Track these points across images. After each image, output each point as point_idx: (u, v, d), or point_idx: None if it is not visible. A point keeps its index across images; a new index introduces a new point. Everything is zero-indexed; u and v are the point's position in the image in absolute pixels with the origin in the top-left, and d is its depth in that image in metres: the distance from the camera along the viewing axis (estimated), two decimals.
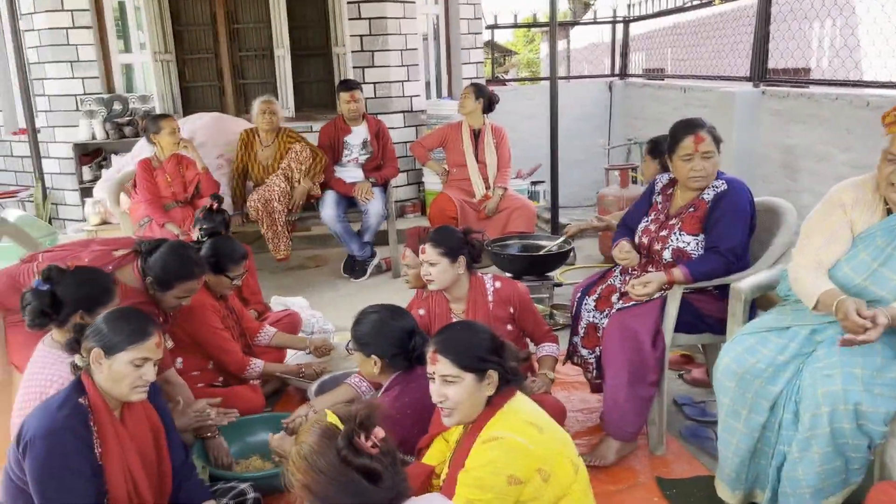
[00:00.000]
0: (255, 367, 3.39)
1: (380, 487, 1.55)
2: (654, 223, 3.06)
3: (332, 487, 1.54)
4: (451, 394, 2.03)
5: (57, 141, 6.75)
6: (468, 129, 5.41)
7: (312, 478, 1.55)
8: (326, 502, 1.55)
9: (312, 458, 1.56)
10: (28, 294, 2.36)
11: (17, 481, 2.06)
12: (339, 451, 1.55)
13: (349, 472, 1.54)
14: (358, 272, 5.50)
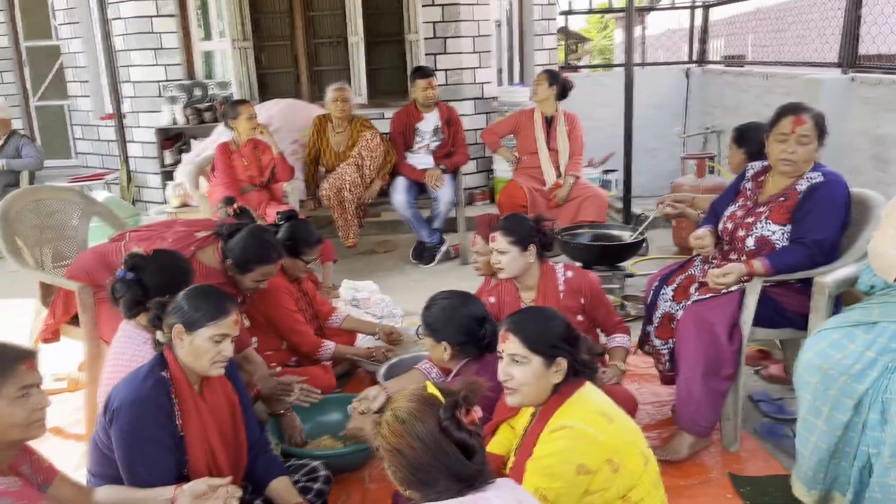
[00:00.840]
0: (327, 349, 3.45)
1: (472, 463, 1.57)
2: (741, 209, 2.97)
3: (426, 455, 1.56)
4: (517, 374, 2.02)
5: (141, 126, 7.00)
6: (540, 117, 5.36)
7: (407, 443, 1.57)
8: (414, 468, 1.57)
9: (411, 424, 1.58)
10: (118, 285, 2.42)
11: (103, 448, 2.16)
12: (440, 421, 1.57)
13: (446, 443, 1.56)
14: (426, 258, 5.54)
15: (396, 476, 1.61)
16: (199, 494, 2.01)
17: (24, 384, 1.78)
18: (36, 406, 1.81)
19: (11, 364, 1.78)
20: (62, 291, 3.31)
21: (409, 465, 1.58)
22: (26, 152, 6.56)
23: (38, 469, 1.94)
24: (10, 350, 1.81)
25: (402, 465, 1.59)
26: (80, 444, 3.17)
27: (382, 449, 1.62)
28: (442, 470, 1.56)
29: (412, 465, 1.57)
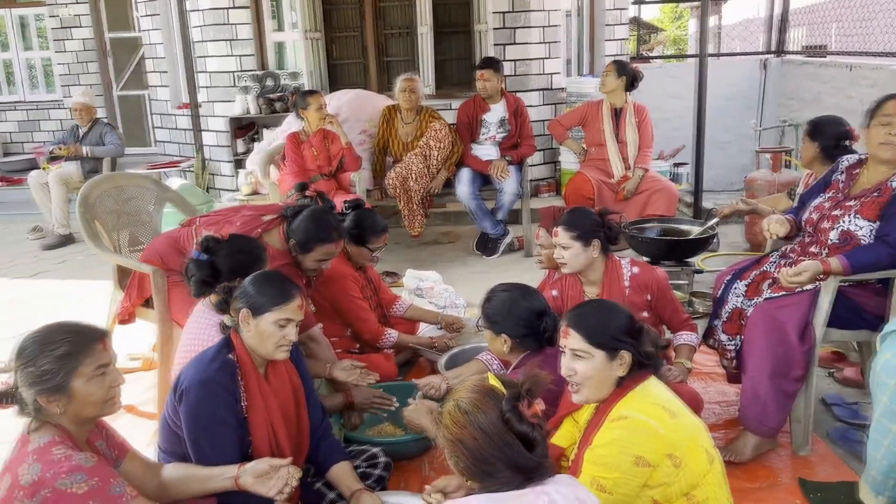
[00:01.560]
0: (390, 337, 3.49)
1: (533, 455, 1.57)
2: (829, 201, 2.86)
3: (487, 445, 1.56)
4: (580, 369, 2.01)
5: (215, 115, 7.20)
6: (609, 108, 5.27)
7: (469, 433, 1.58)
8: (475, 459, 1.58)
9: (473, 414, 1.59)
10: (191, 265, 2.52)
11: (172, 426, 2.24)
12: (502, 413, 1.57)
13: (508, 435, 1.56)
14: (490, 250, 5.53)
15: (458, 466, 1.62)
16: (261, 474, 2.06)
17: (101, 363, 1.85)
18: (111, 384, 1.87)
19: (88, 344, 1.84)
20: (137, 274, 3.44)
21: (470, 456, 1.58)
22: (109, 140, 6.83)
23: (112, 445, 2.02)
24: (87, 330, 1.87)
25: (463, 456, 1.59)
26: (151, 422, 3.29)
27: (444, 439, 1.63)
28: (503, 461, 1.56)
29: (474, 456, 1.58)
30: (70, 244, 6.57)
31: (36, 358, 1.78)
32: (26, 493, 1.68)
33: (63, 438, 1.79)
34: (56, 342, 1.80)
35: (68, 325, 1.87)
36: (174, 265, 3.29)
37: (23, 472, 1.70)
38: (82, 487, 1.69)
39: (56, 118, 9.39)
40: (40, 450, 1.74)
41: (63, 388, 1.78)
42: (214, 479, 2.10)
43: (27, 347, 1.80)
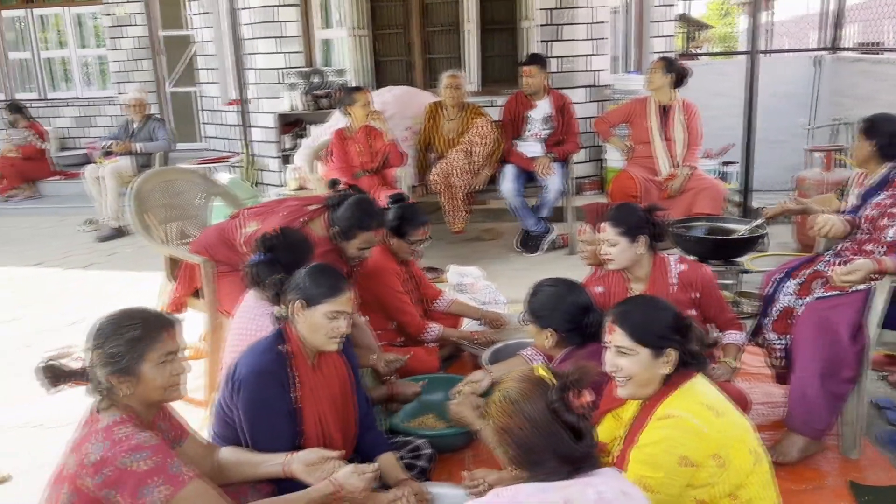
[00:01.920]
0: (433, 331, 3.52)
1: (580, 446, 1.57)
2: (889, 198, 2.80)
3: (534, 435, 1.57)
4: (625, 365, 1.99)
5: (262, 111, 7.32)
6: (655, 105, 5.21)
7: (516, 422, 1.59)
8: (522, 448, 1.58)
9: (521, 403, 1.60)
10: (256, 269, 2.55)
11: (226, 411, 2.30)
12: (549, 402, 1.58)
13: (555, 425, 1.57)
14: (532, 247, 5.52)
15: (505, 455, 1.63)
16: (310, 463, 2.12)
17: (168, 350, 1.91)
18: (175, 371, 1.94)
19: (158, 330, 1.91)
20: (186, 266, 3.53)
21: (517, 445, 1.59)
22: (160, 135, 7.01)
23: (172, 427, 2.09)
24: (158, 317, 1.96)
25: (510, 445, 1.60)
26: (200, 410, 3.37)
27: (491, 428, 1.64)
28: (550, 451, 1.57)
29: (521, 445, 1.59)
30: (122, 237, 6.76)
31: (109, 340, 1.86)
32: (90, 472, 1.75)
33: (128, 418, 1.86)
34: (128, 326, 1.88)
35: (141, 312, 1.94)
36: (222, 256, 3.37)
37: (88, 451, 1.77)
38: (143, 466, 1.75)
39: (109, 114, 9.65)
40: (105, 429, 1.81)
41: (132, 371, 1.85)
42: (266, 464, 2.16)
43: (102, 329, 1.88)
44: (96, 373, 1.87)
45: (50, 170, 8.51)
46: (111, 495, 1.75)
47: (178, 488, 1.78)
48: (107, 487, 1.75)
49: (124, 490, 1.74)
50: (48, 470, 2.87)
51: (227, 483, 2.17)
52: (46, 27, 9.96)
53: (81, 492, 1.77)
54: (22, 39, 9.94)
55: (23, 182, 8.22)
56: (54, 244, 6.66)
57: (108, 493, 1.75)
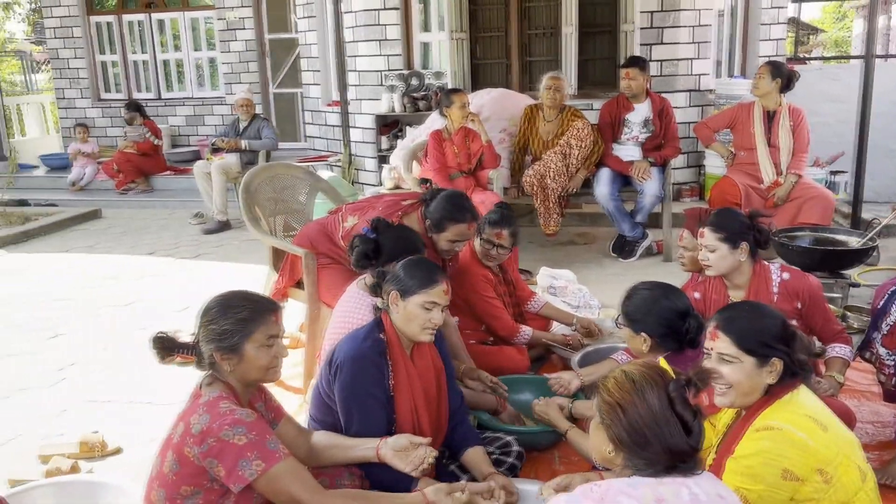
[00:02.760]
0: (525, 335, 3.53)
1: (690, 439, 1.57)
2: None
3: (648, 417, 1.58)
4: (727, 373, 1.95)
5: (362, 112, 7.52)
6: (761, 111, 5.04)
7: (632, 401, 1.60)
8: (631, 427, 1.59)
9: (641, 384, 1.61)
10: (357, 238, 2.69)
11: (324, 397, 2.39)
12: (668, 392, 1.59)
13: (670, 413, 1.58)
14: (627, 252, 5.44)
15: (609, 431, 1.63)
16: (401, 448, 2.18)
17: (271, 333, 2.01)
18: (276, 354, 2.03)
19: (265, 314, 2.01)
20: (289, 258, 3.68)
21: (627, 424, 1.59)
22: (265, 134, 7.31)
23: (269, 408, 2.20)
24: (265, 301, 2.06)
25: (618, 422, 1.61)
26: (297, 397, 3.51)
27: (603, 402, 1.65)
28: (659, 438, 1.56)
29: (630, 424, 1.59)
30: (227, 230, 7.08)
31: (219, 318, 1.98)
32: (195, 441, 1.87)
33: (229, 395, 1.97)
34: (238, 307, 1.99)
35: (250, 294, 2.06)
36: (323, 249, 3.50)
37: (194, 422, 1.89)
38: (242, 439, 1.85)
39: (218, 113, 10.12)
40: (209, 403, 1.92)
41: (236, 349, 1.97)
42: (357, 448, 2.24)
43: (213, 308, 2.01)
44: (202, 348, 2.00)
45: (164, 165, 8.99)
46: (213, 464, 1.86)
47: (272, 464, 1.86)
48: (209, 457, 1.86)
49: (224, 461, 1.85)
50: (156, 444, 3.07)
51: (319, 465, 2.26)
52: (164, 31, 10.54)
53: (186, 459, 1.89)
54: (141, 42, 10.56)
55: (138, 176, 8.72)
56: (165, 235, 7.05)
57: (210, 462, 1.86)
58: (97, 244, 6.82)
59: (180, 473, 1.90)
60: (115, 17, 10.58)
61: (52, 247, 6.80)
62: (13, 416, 3.47)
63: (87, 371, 3.97)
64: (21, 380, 3.88)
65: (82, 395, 3.67)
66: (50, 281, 5.68)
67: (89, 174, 8.97)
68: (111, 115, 10.48)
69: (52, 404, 3.58)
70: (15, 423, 3.40)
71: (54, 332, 4.58)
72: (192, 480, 1.90)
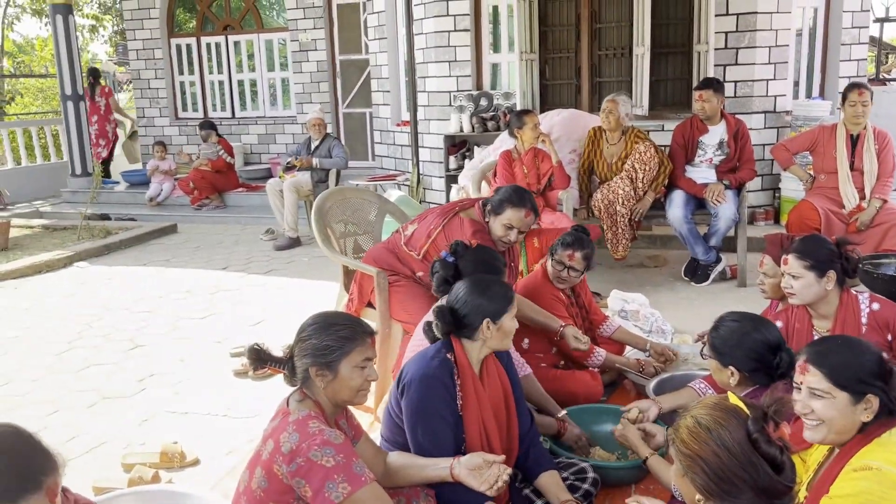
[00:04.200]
0: (598, 357, 3.48)
1: (780, 478, 1.52)
2: None
3: (731, 464, 1.53)
4: (819, 409, 1.87)
5: (431, 132, 7.60)
6: (844, 133, 4.88)
7: (712, 450, 1.56)
8: (717, 477, 1.55)
9: (716, 431, 1.57)
10: (437, 263, 2.71)
11: (395, 417, 2.41)
12: (749, 433, 1.55)
13: (755, 455, 1.53)
14: (700, 276, 5.32)
15: (695, 483, 1.59)
16: (475, 467, 2.17)
17: (367, 356, 2.05)
18: (368, 377, 2.06)
19: (364, 336, 2.05)
20: (358, 279, 3.73)
21: (711, 474, 1.55)
22: (336, 153, 7.45)
23: (351, 426, 2.22)
24: (364, 325, 2.10)
25: (702, 473, 1.56)
26: (367, 415, 3.54)
27: (680, 454, 1.61)
28: (748, 482, 1.52)
29: (716, 474, 1.55)
30: (298, 246, 7.23)
31: (320, 334, 2.02)
32: (285, 460, 1.90)
33: (318, 414, 2.01)
34: (340, 325, 2.04)
35: (350, 316, 2.12)
36: (387, 266, 3.54)
37: (283, 440, 1.92)
38: (330, 461, 1.87)
39: (290, 132, 10.38)
40: (299, 422, 1.95)
41: (333, 366, 2.01)
42: (431, 468, 2.24)
43: (313, 324, 2.06)
44: (297, 363, 2.04)
45: (237, 182, 9.27)
46: (300, 484, 1.89)
47: (357, 487, 1.87)
48: (297, 476, 1.88)
49: (312, 481, 1.87)
50: (232, 456, 3.12)
51: (394, 486, 2.27)
52: (239, 52, 10.90)
53: (275, 476, 1.92)
54: (218, 63, 10.94)
55: (212, 193, 9.01)
56: (238, 251, 7.25)
57: (297, 482, 1.89)
58: (173, 258, 7.06)
59: (268, 490, 1.93)
60: (194, 40, 11.01)
61: (132, 260, 7.07)
62: (98, 424, 3.61)
63: (166, 382, 4.10)
64: (104, 389, 4.03)
65: (162, 406, 3.79)
66: (130, 293, 5.90)
67: (167, 190, 9.31)
68: (188, 133, 10.87)
69: (135, 414, 3.71)
70: (99, 431, 3.54)
71: (134, 343, 4.75)
72: (279, 498, 1.93)
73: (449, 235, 3.34)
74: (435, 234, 3.39)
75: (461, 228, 3.33)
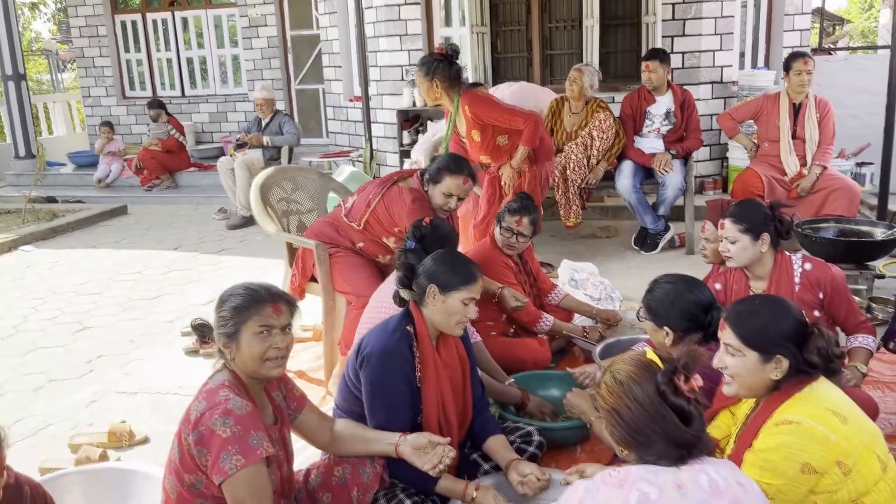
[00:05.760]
0: (546, 322, 3.54)
1: (689, 429, 1.57)
2: None
3: (642, 417, 1.59)
4: (730, 364, 1.96)
5: (383, 108, 7.55)
6: (787, 102, 4.98)
7: (625, 404, 1.61)
8: (631, 430, 1.60)
9: (629, 385, 1.62)
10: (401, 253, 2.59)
11: (350, 386, 2.42)
12: (657, 385, 1.59)
13: (663, 407, 1.58)
14: (649, 245, 5.42)
15: (613, 435, 1.65)
16: (419, 447, 2.20)
17: (265, 323, 1.96)
18: (273, 345, 1.97)
19: (259, 303, 1.97)
20: (300, 254, 3.72)
21: (625, 426, 1.61)
22: (287, 129, 7.37)
23: (291, 397, 2.21)
24: (265, 291, 2.01)
25: (618, 425, 1.63)
26: (319, 389, 3.55)
27: (601, 408, 1.68)
28: (658, 433, 1.57)
29: (629, 426, 1.61)
30: (251, 225, 7.13)
31: (219, 307, 2.02)
32: (189, 429, 1.87)
33: (232, 384, 1.96)
34: (236, 295, 2.01)
35: (250, 284, 2.05)
36: (328, 238, 3.54)
37: (192, 409, 1.90)
38: (226, 432, 1.83)
39: (242, 110, 10.21)
40: (210, 390, 1.93)
41: (234, 337, 1.97)
42: (377, 442, 2.26)
43: (221, 297, 2.04)
44: (214, 335, 2.02)
45: (188, 162, 9.09)
46: (202, 453, 1.85)
47: (251, 461, 1.82)
48: (199, 445, 1.84)
49: (210, 450, 1.83)
50: None
51: (341, 454, 2.28)
52: (187, 28, 10.65)
53: (183, 448, 1.89)
54: (165, 40, 10.68)
55: (163, 173, 8.83)
56: (190, 231, 7.14)
57: (199, 451, 1.85)
58: (123, 240, 6.93)
59: (183, 462, 1.90)
60: (139, 16, 10.72)
61: (80, 242, 6.92)
62: (45, 407, 3.56)
63: (116, 363, 4.04)
64: (52, 371, 3.97)
65: (111, 387, 3.74)
66: (78, 276, 5.79)
67: (115, 171, 9.10)
68: (136, 112, 10.62)
69: (82, 395, 3.66)
70: (46, 413, 3.49)
71: (83, 325, 4.67)
72: (192, 469, 1.89)
73: (388, 205, 3.35)
74: (374, 204, 3.39)
75: (400, 197, 3.33)
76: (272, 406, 2.11)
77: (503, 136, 4.35)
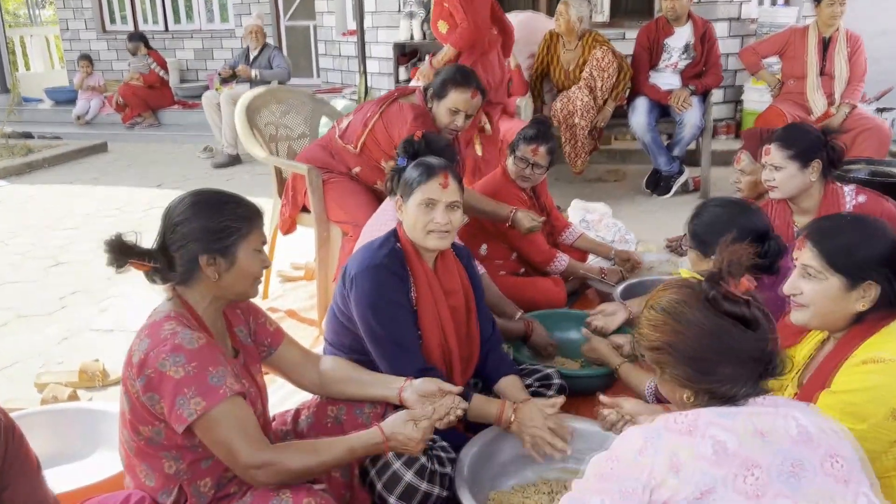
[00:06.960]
0: (561, 261, 3.25)
1: (757, 334, 1.29)
2: None
3: (702, 338, 1.31)
4: (808, 290, 1.66)
5: (379, 42, 7.13)
6: (816, 36, 4.65)
7: (677, 332, 1.33)
8: (690, 359, 1.33)
9: (675, 310, 1.34)
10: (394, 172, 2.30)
11: (340, 317, 2.14)
12: (706, 297, 1.32)
13: (721, 319, 1.30)
14: (662, 188, 5.12)
15: (674, 377, 1.36)
16: (428, 394, 1.89)
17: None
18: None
19: (259, 216, 1.72)
20: (290, 183, 3.39)
21: (683, 357, 1.33)
22: (276, 63, 6.96)
23: (264, 332, 1.88)
24: (254, 203, 1.75)
25: (674, 361, 1.34)
26: (312, 329, 3.27)
27: (647, 351, 1.39)
28: (721, 353, 1.30)
29: (687, 357, 1.32)
30: (238, 164, 6.80)
31: (211, 214, 1.64)
32: (135, 373, 1.55)
33: (180, 315, 1.63)
34: (237, 203, 1.69)
35: (235, 193, 1.74)
36: (321, 163, 3.21)
37: (134, 349, 1.58)
38: (178, 372, 1.52)
39: (228, 46, 9.72)
40: (153, 324, 1.60)
41: (230, 251, 1.64)
42: (377, 385, 1.96)
43: (195, 203, 1.66)
44: (176, 254, 1.64)
45: (171, 99, 8.67)
46: (155, 400, 1.54)
47: (213, 403, 1.51)
48: (148, 391, 1.54)
49: (164, 396, 1.52)
50: None
51: (330, 396, 1.99)
52: None
53: (132, 396, 1.58)
54: None
55: (145, 110, 8.40)
56: (174, 169, 6.77)
57: (150, 398, 1.54)
58: (102, 177, 6.57)
59: (134, 412, 1.59)
60: None
61: (56, 178, 6.55)
62: (11, 344, 3.27)
63: (91, 300, 3.75)
64: (21, 308, 3.67)
65: (85, 324, 3.45)
66: (53, 211, 5.44)
67: (94, 107, 8.66)
68: (117, 47, 10.11)
69: (54, 332, 3.38)
70: (13, 350, 3.20)
71: (57, 260, 4.36)
72: (147, 420, 1.58)
73: (388, 123, 3.01)
74: (372, 123, 3.05)
75: (401, 114, 2.99)
76: (231, 340, 1.78)
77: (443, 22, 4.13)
